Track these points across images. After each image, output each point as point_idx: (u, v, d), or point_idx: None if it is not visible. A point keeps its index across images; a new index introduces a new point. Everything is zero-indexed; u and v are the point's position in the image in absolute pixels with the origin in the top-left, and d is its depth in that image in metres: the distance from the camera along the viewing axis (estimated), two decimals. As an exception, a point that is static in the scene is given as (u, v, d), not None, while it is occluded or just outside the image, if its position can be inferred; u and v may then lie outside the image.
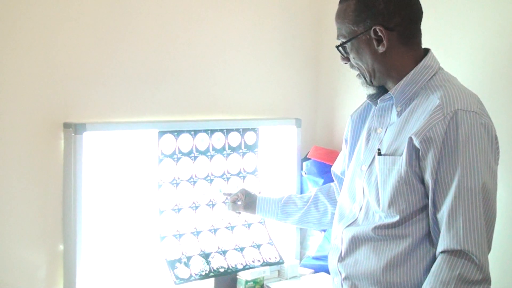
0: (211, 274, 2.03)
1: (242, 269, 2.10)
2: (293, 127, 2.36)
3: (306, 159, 2.38)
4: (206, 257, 2.06)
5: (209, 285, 2.07)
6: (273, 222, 2.11)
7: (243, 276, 2.09)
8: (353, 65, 1.57)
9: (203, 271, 2.01)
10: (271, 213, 2.00)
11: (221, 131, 2.14)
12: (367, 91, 1.60)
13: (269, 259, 2.18)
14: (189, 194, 2.07)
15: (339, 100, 2.51)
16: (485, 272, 1.35)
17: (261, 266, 2.14)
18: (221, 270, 2.06)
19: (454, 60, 1.88)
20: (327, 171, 2.16)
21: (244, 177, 2.21)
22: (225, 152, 2.16)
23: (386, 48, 1.48)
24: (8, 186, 1.78)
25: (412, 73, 1.50)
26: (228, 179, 2.17)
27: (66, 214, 1.86)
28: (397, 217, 1.46)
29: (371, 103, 1.64)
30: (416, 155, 1.42)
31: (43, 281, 1.85)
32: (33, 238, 1.83)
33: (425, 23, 1.54)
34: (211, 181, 2.13)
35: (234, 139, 2.17)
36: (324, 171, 2.26)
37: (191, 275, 1.98)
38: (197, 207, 2.09)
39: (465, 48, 1.99)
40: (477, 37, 1.96)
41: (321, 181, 2.24)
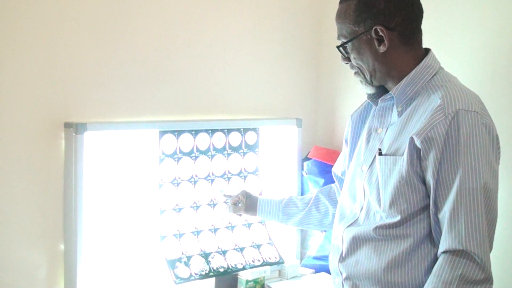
0: (211, 273, 2.03)
1: (241, 269, 2.10)
2: (294, 127, 2.36)
3: (306, 159, 2.38)
4: (206, 257, 2.06)
5: (209, 285, 2.08)
6: (274, 223, 2.10)
7: (243, 276, 2.09)
8: (354, 65, 1.57)
9: (203, 271, 2.01)
10: (272, 215, 2.00)
11: (222, 131, 2.13)
12: (366, 90, 1.60)
13: (269, 259, 2.17)
14: (189, 194, 2.07)
15: (339, 100, 2.51)
16: (487, 272, 1.35)
17: (261, 266, 2.14)
18: (221, 270, 2.06)
19: (454, 60, 1.87)
20: (328, 171, 2.16)
21: (245, 177, 2.21)
22: (225, 152, 2.15)
23: (387, 48, 1.48)
24: (8, 186, 1.78)
25: (413, 73, 1.50)
26: (229, 179, 2.17)
27: (66, 213, 1.86)
28: (398, 217, 1.46)
29: (371, 103, 1.64)
30: (417, 155, 1.42)
31: (43, 281, 1.85)
32: (33, 238, 1.83)
33: (425, 23, 1.54)
34: (212, 181, 2.13)
35: (234, 139, 2.17)
36: (324, 171, 2.26)
37: (191, 275, 1.98)
38: (198, 207, 2.09)
39: (465, 48, 1.99)
40: (477, 37, 1.96)
41: (321, 181, 2.24)
